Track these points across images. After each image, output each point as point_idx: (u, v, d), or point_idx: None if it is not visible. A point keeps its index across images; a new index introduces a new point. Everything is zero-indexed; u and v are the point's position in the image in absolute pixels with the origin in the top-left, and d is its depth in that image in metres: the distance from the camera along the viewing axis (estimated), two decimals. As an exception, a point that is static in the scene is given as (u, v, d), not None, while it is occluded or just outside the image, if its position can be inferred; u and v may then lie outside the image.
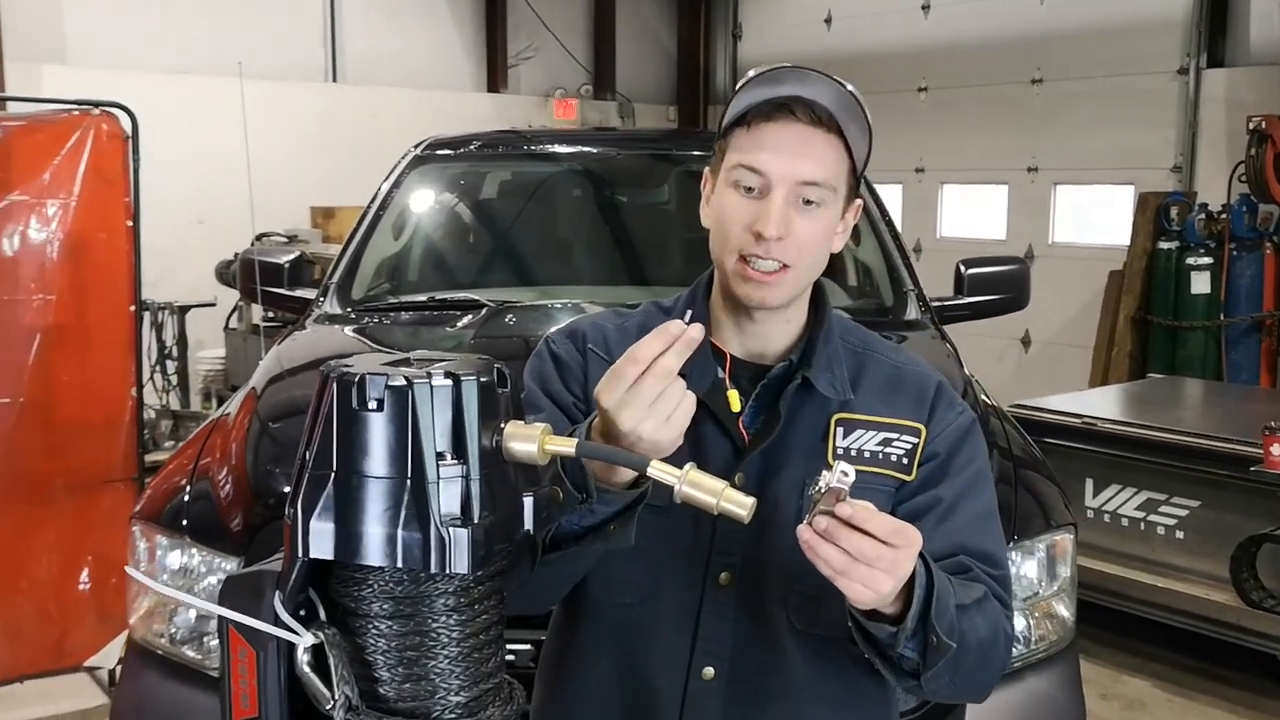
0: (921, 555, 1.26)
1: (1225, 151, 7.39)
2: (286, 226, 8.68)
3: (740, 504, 0.99)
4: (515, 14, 10.73)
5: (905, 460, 1.49)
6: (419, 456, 0.93)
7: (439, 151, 4.08)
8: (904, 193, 9.39)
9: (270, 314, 7.06)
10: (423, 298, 3.58)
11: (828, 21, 10.00)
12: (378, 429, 0.94)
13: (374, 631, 0.98)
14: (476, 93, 10.66)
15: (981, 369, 3.23)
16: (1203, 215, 6.98)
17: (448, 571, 0.93)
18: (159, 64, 8.74)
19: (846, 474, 1.15)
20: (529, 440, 0.98)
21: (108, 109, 4.34)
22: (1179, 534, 4.46)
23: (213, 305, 8.43)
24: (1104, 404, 5.23)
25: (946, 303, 3.70)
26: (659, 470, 0.99)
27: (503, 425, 0.99)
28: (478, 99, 10.55)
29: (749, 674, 1.47)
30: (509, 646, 2.30)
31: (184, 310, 8.39)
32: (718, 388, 1.51)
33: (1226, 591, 4.24)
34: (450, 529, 0.93)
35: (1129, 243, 7.39)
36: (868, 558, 1.18)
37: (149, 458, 5.28)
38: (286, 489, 2.51)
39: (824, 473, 1.17)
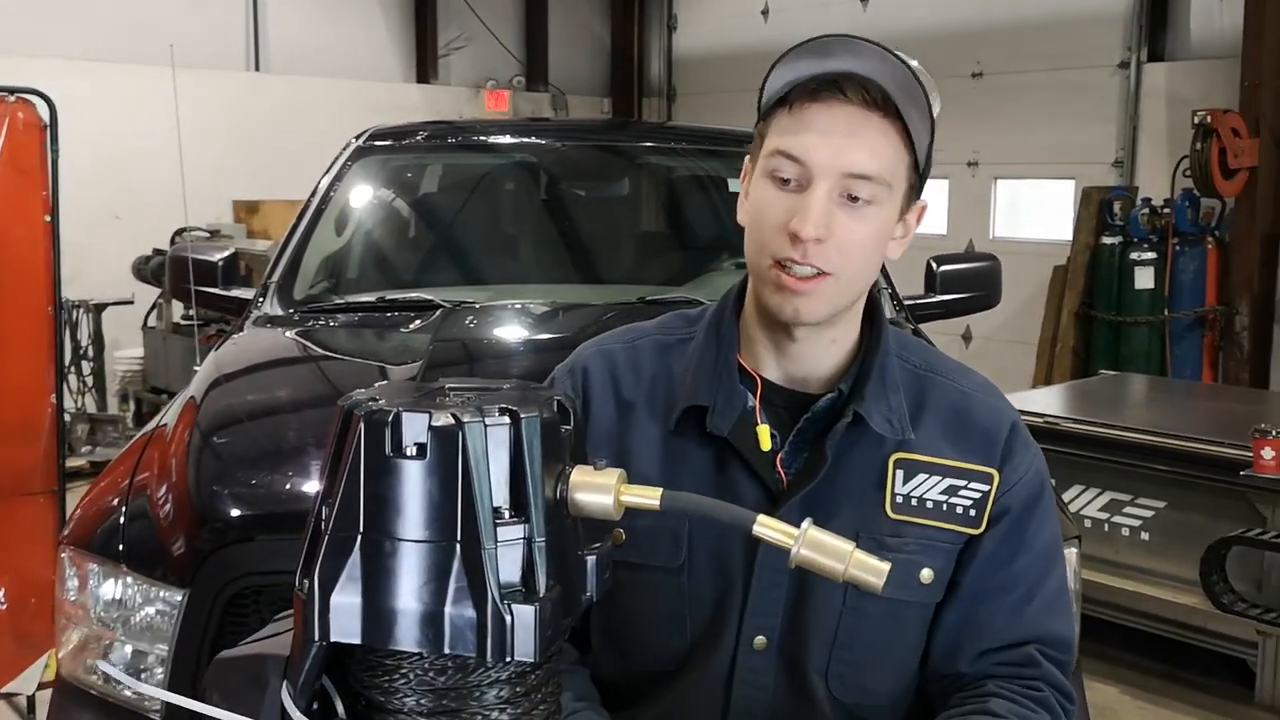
0: None
1: (1166, 146, 7.38)
2: (208, 221, 8.35)
3: (874, 570, 0.80)
4: (445, 3, 10.46)
5: (974, 512, 1.28)
6: (471, 515, 0.74)
7: (382, 142, 3.85)
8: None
9: (191, 313, 6.76)
10: (371, 298, 3.36)
11: (765, 13, 9.88)
12: (418, 481, 0.74)
13: (409, 731, 0.78)
14: (405, 83, 10.38)
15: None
16: (1146, 210, 6.97)
17: (509, 658, 0.74)
18: (70, 51, 8.35)
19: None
20: (602, 491, 0.79)
21: (24, 96, 4.04)
22: (1145, 535, 4.39)
23: (130, 303, 8.10)
24: (1059, 402, 5.14)
25: (920, 301, 3.57)
26: (770, 529, 0.81)
27: (568, 472, 0.80)
28: (407, 90, 10.27)
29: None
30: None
31: (100, 308, 8.05)
32: (745, 422, 1.29)
33: (1195, 595, 4.17)
34: (511, 605, 0.74)
35: (1072, 238, 7.36)
36: None
37: (67, 464, 4.98)
38: (234, 511, 2.29)
39: None
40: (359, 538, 0.75)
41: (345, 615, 0.75)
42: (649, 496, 0.80)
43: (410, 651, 0.76)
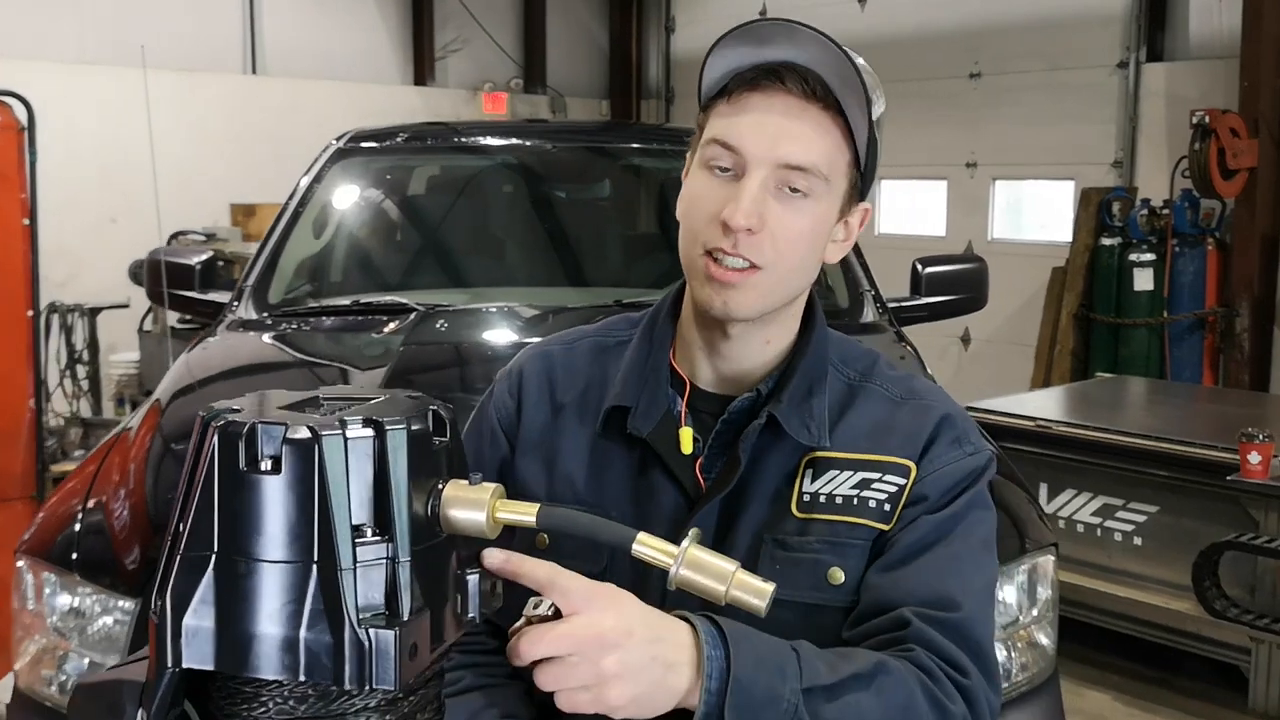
0: (718, 629, 0.97)
1: (1166, 146, 7.31)
2: (204, 224, 8.33)
3: (755, 592, 0.75)
4: (442, 5, 10.42)
5: (888, 507, 1.20)
6: (328, 533, 0.69)
7: (362, 144, 3.81)
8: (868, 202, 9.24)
9: (187, 316, 6.73)
10: (346, 301, 3.31)
11: (762, 13, 9.82)
12: (273, 497, 0.69)
13: (271, 763, 0.74)
14: (403, 85, 10.34)
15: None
16: (1145, 211, 6.90)
17: (368, 685, 0.70)
18: (68, 54, 8.33)
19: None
20: (475, 507, 0.75)
21: (1, 98, 4.01)
22: (1137, 540, 4.33)
23: (125, 307, 8.06)
24: (1054, 405, 5.09)
25: (904, 304, 3.51)
26: (648, 548, 0.76)
27: (441, 487, 0.75)
28: (404, 92, 10.23)
29: None
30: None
31: (94, 312, 8.01)
32: (667, 424, 1.25)
33: (1188, 600, 4.11)
34: (371, 630, 0.69)
35: (1071, 239, 7.29)
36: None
37: (56, 468, 4.96)
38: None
39: None
40: (213, 557, 0.71)
41: (198, 639, 0.71)
42: (525, 513, 0.76)
43: (269, 679, 0.71)
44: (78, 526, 2.33)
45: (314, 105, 9.26)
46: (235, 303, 3.33)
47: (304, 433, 0.69)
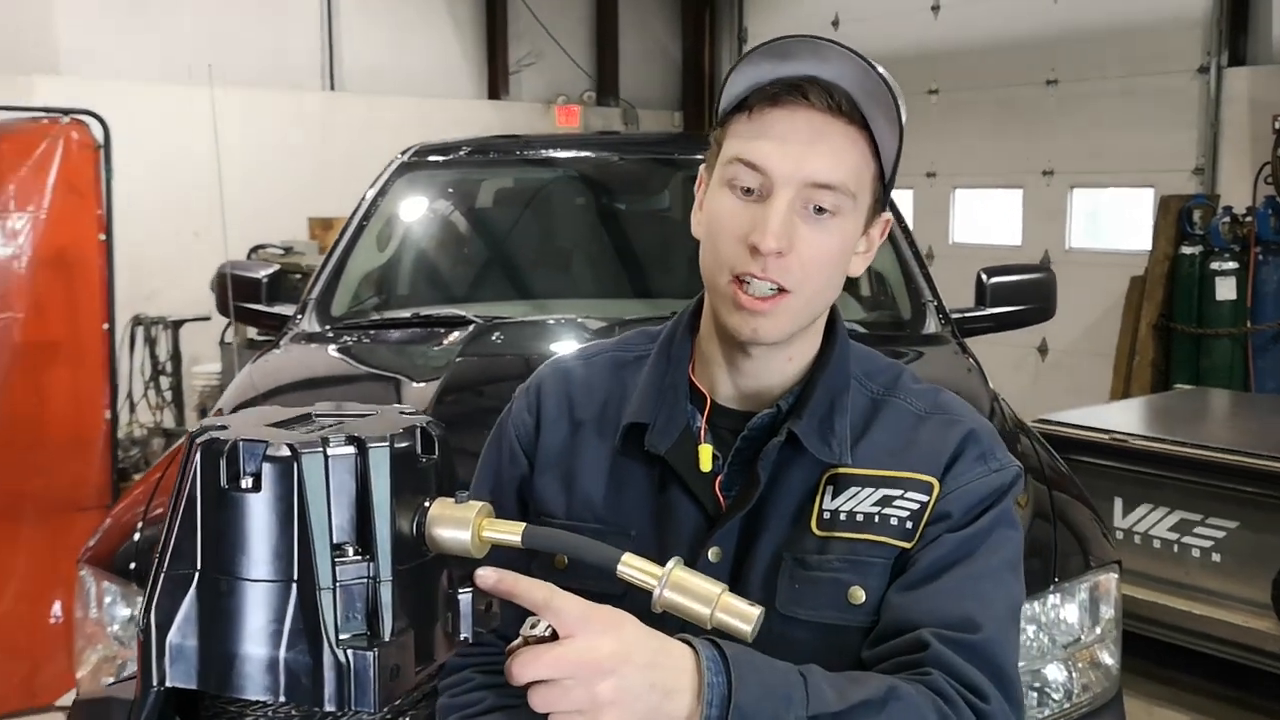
0: (721, 653, 0.93)
1: (1249, 152, 7.12)
2: (283, 238, 8.48)
3: (742, 616, 0.73)
4: (516, 20, 10.51)
5: (910, 524, 1.17)
6: (307, 552, 0.69)
7: (427, 158, 3.85)
8: (915, 198, 9.13)
9: (264, 334, 6.87)
10: (406, 314, 3.35)
11: (835, 24, 9.76)
12: (254, 514, 0.69)
13: (256, 783, 0.73)
14: (478, 100, 10.44)
15: (997, 380, 3.00)
16: (1227, 218, 6.71)
17: (347, 707, 0.69)
18: (153, 74, 8.54)
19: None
20: (460, 525, 0.74)
21: (78, 117, 4.11)
22: (1216, 557, 4.20)
23: (207, 320, 8.22)
24: (1131, 418, 4.97)
25: (968, 314, 3.45)
26: (633, 569, 0.74)
27: (427, 505, 0.74)
28: (479, 106, 10.33)
29: None
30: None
31: (177, 325, 8.19)
32: (686, 441, 1.23)
33: (1267, 618, 3.98)
34: (350, 650, 0.68)
35: (1150, 247, 7.12)
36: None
37: (138, 478, 5.05)
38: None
39: None
40: (196, 575, 0.71)
41: (183, 658, 0.71)
42: (511, 532, 0.75)
43: (252, 699, 0.71)
44: (137, 536, 2.37)
45: (390, 120, 9.39)
46: (299, 315, 3.38)
47: (284, 450, 0.69)
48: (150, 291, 8.25)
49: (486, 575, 0.82)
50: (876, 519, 1.18)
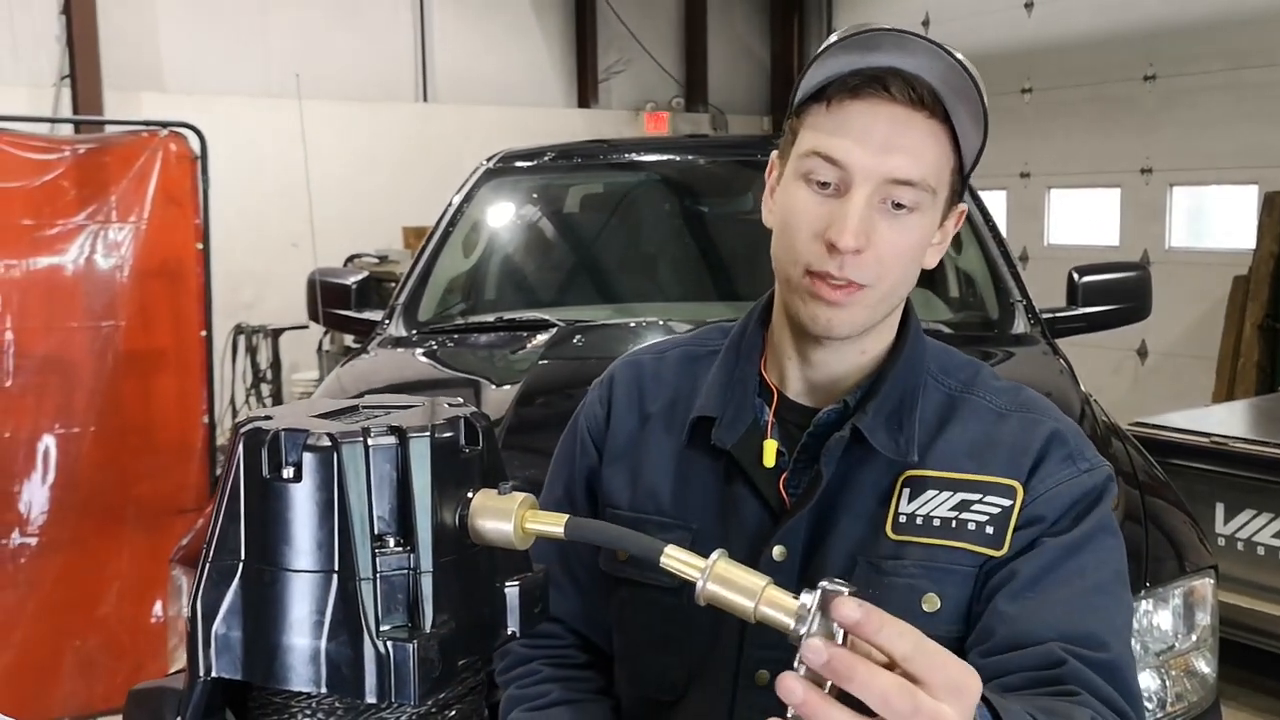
0: (987, 702, 0.83)
1: (1361, 146, 6.86)
2: (378, 247, 8.63)
3: (787, 609, 0.71)
4: (605, 28, 10.56)
5: (990, 529, 1.12)
6: (348, 542, 0.69)
7: (513, 164, 3.87)
8: (1009, 199, 8.96)
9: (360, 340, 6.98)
10: (491, 318, 3.37)
11: (925, 24, 9.63)
12: (295, 504, 0.69)
13: (302, 774, 0.73)
14: (567, 108, 10.51)
15: (1095, 383, 2.92)
16: (1337, 215, 6.48)
17: (389, 699, 0.69)
18: (254, 89, 8.76)
19: (834, 592, 0.71)
20: (503, 517, 0.73)
21: (176, 129, 4.23)
22: (1324, 565, 4.04)
23: (306, 328, 8.39)
24: (1234, 421, 4.81)
25: (1059, 314, 3.37)
26: (676, 561, 0.73)
27: (470, 496, 0.74)
28: (568, 114, 10.39)
29: None
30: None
31: (277, 333, 8.38)
32: (752, 436, 1.21)
33: (1380, 629, 3.82)
34: (391, 642, 0.68)
35: (1254, 246, 6.90)
36: None
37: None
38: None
39: (802, 603, 0.72)
40: (240, 566, 0.71)
41: (228, 649, 0.71)
42: (554, 524, 0.74)
43: (298, 690, 0.71)
44: (225, 537, 2.42)
45: (482, 130, 9.50)
46: (387, 320, 3.42)
47: (324, 440, 0.69)
48: (251, 300, 8.45)
49: (849, 608, 0.69)
50: (954, 524, 1.14)
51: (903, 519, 1.15)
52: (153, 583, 4.28)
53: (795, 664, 0.70)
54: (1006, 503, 1.14)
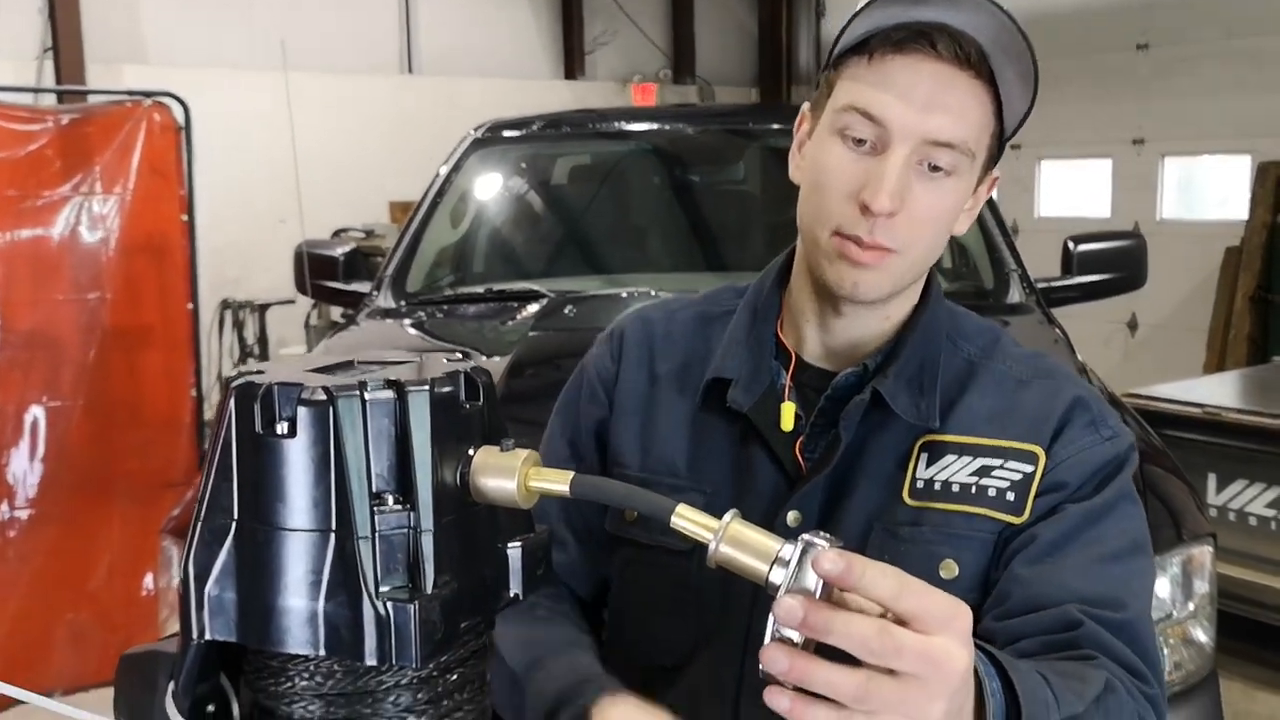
0: (996, 664, 0.82)
1: (1353, 116, 6.85)
2: (364, 221, 8.56)
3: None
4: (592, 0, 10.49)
5: (1011, 496, 1.10)
6: (345, 500, 0.66)
7: (500, 134, 3.83)
8: (999, 171, 8.94)
9: (350, 312, 6.95)
10: (480, 289, 3.34)
11: (916, -5, 9.58)
12: (289, 461, 0.66)
13: (299, 740, 0.71)
14: (554, 80, 10.44)
15: (1085, 356, 2.90)
16: (1329, 185, 6.47)
17: (389, 662, 0.66)
18: (237, 61, 8.67)
19: (812, 545, 0.68)
20: (506, 474, 0.70)
21: (159, 99, 4.17)
22: (1317, 534, 4.05)
23: (292, 303, 8.35)
24: (1226, 391, 4.80)
25: (1054, 284, 3.35)
26: (687, 521, 0.70)
27: (471, 453, 0.71)
28: (555, 86, 10.32)
29: None
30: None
31: (264, 309, 8.33)
32: (769, 399, 1.17)
33: (1373, 598, 3.83)
34: (390, 603, 0.66)
35: (1247, 217, 6.89)
36: (855, 695, 0.67)
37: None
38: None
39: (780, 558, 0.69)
40: (234, 525, 0.68)
41: (222, 611, 0.69)
42: (559, 481, 0.71)
43: (295, 653, 0.69)
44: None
45: (468, 102, 9.41)
46: (375, 292, 3.39)
47: (319, 394, 0.66)
48: (238, 276, 8.39)
49: (830, 559, 0.67)
50: (974, 490, 1.11)
51: (920, 484, 1.13)
52: (143, 556, 4.26)
53: (770, 626, 0.68)
54: (1028, 468, 1.11)
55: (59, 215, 4.06)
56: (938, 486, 1.12)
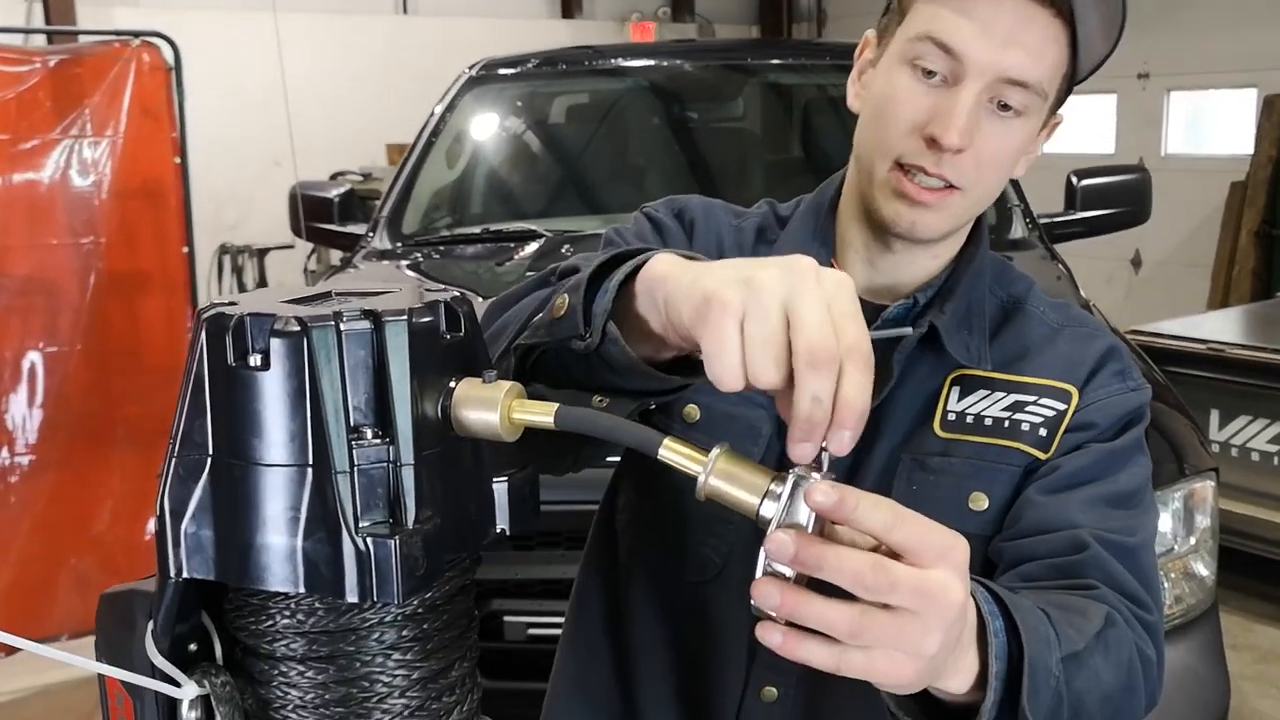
0: (998, 599, 0.82)
1: (1361, 47, 6.75)
2: (361, 164, 8.50)
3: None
4: (590, -65, 10.34)
5: (1043, 432, 1.09)
6: (321, 434, 0.64)
7: (496, 72, 3.78)
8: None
9: (349, 256, 6.91)
10: (477, 230, 3.31)
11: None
12: (263, 394, 0.64)
13: (282, 680, 0.69)
14: (550, 19, 10.31)
15: (1088, 293, 2.88)
16: (1335, 118, 6.39)
17: (370, 599, 0.64)
18: (228, 2, 8.55)
19: (804, 479, 0.66)
20: (488, 407, 0.68)
21: (148, 39, 4.10)
22: (1319, 469, 4.04)
23: (291, 248, 8.31)
24: (1229, 327, 4.78)
25: (1057, 219, 3.31)
26: (675, 454, 0.68)
27: (452, 385, 0.69)
28: (552, 25, 10.19)
29: (820, 696, 1.13)
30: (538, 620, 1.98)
31: (263, 253, 8.29)
32: None
33: (1374, 532, 3.83)
34: (370, 539, 0.64)
35: (1252, 151, 6.82)
36: (849, 630, 0.66)
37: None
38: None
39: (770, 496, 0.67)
40: (209, 460, 0.66)
41: (199, 549, 0.67)
42: (542, 413, 0.69)
43: (275, 590, 0.67)
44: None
45: (464, 43, 9.28)
46: (371, 233, 3.36)
47: (293, 325, 0.64)
48: (235, 220, 8.34)
49: (824, 492, 0.65)
50: (1008, 424, 1.10)
51: (952, 417, 1.11)
52: (144, 500, 4.26)
53: (760, 561, 0.66)
54: (1061, 406, 1.10)
55: (50, 158, 4.00)
56: (970, 419, 1.11)
